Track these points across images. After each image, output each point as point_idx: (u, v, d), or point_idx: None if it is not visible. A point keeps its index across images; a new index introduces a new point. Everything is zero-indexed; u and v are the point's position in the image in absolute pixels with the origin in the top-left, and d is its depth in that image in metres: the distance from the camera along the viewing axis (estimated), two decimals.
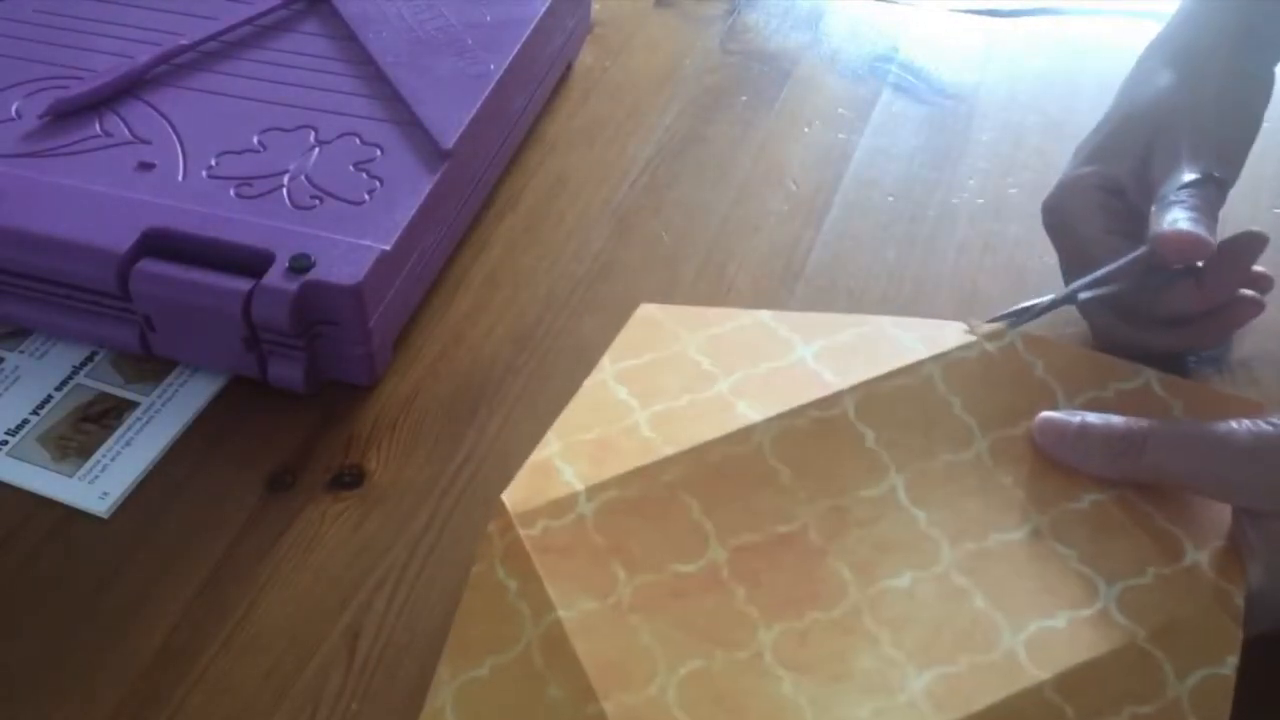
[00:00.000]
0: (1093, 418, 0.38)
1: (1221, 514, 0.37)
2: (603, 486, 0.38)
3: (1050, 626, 0.35)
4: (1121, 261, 0.43)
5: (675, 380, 0.42)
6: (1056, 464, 0.39)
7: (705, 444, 0.39)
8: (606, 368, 0.43)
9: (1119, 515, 0.37)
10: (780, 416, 0.40)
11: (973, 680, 0.34)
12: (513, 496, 0.38)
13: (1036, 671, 0.34)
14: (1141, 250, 0.42)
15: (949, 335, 0.42)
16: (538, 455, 0.40)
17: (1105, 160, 0.45)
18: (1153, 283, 0.43)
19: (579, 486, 0.38)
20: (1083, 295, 0.43)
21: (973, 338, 0.42)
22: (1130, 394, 0.41)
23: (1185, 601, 0.35)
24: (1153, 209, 0.42)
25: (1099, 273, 0.43)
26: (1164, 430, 0.37)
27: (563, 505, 0.38)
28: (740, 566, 0.37)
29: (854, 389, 0.40)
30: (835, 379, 0.41)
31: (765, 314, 0.45)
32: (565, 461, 0.39)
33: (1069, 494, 0.38)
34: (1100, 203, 0.45)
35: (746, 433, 0.40)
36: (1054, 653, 0.34)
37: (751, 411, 0.40)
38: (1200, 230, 0.40)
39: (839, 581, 0.37)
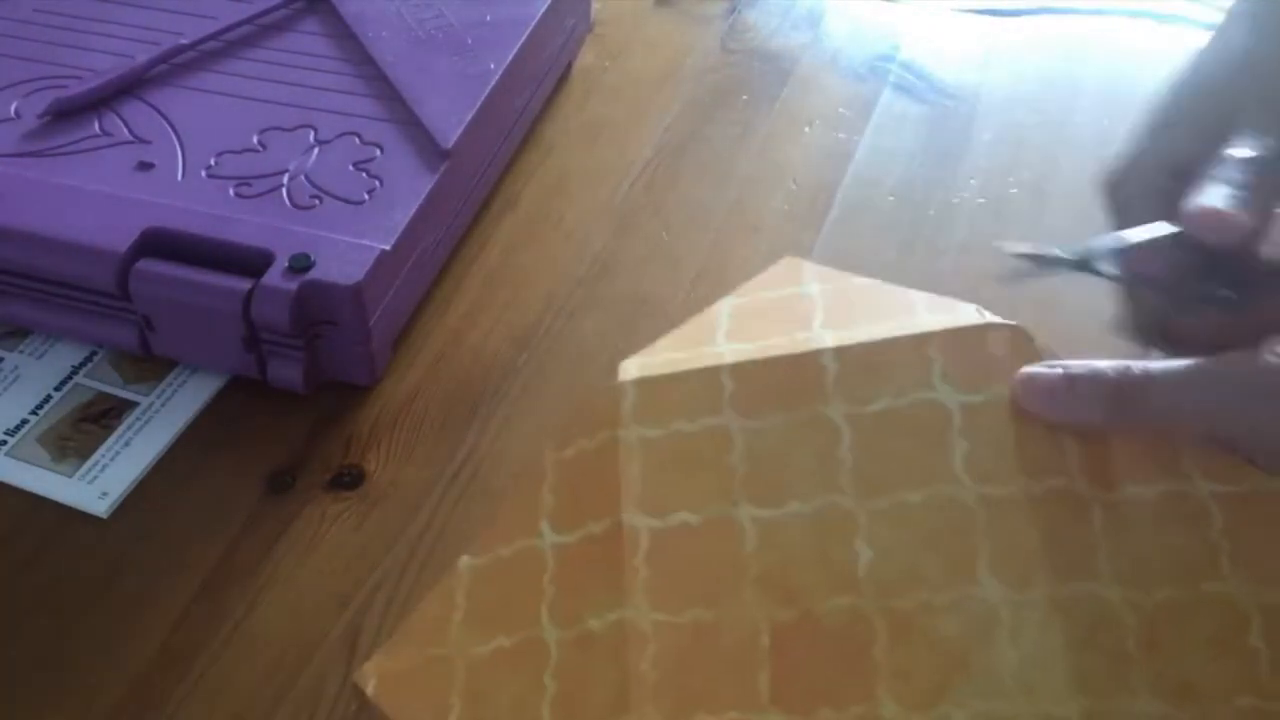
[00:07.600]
0: (1076, 367, 0.34)
1: None
2: None
3: None
4: (1144, 232, 0.37)
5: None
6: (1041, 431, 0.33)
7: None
8: None
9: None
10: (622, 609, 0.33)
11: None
12: None
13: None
14: (1176, 231, 0.36)
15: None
16: None
17: (1171, 138, 0.39)
18: (1191, 288, 0.37)
19: None
20: (1105, 270, 0.37)
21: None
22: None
23: None
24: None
25: (1119, 239, 0.37)
26: (1166, 371, 0.33)
27: None
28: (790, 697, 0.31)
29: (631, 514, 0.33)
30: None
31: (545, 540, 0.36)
32: None
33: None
34: (1160, 187, 0.39)
35: (640, 647, 0.32)
36: None
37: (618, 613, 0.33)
38: (1237, 208, 0.34)
39: (857, 615, 0.31)
